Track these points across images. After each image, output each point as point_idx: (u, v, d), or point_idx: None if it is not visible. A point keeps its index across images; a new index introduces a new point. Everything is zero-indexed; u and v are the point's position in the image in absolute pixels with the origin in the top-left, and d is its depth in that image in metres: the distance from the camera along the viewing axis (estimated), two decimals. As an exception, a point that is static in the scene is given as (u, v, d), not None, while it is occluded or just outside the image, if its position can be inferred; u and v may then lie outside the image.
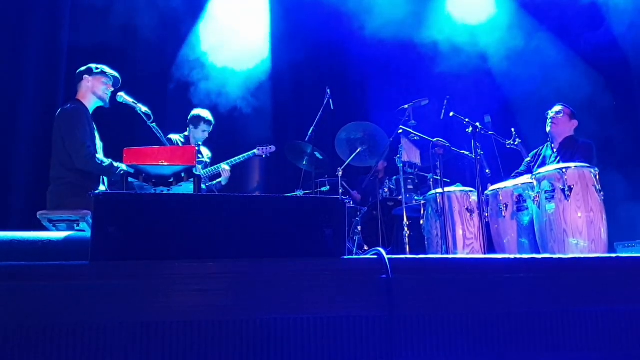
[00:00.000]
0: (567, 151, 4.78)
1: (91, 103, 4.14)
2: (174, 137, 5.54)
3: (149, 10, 6.61)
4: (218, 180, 5.64)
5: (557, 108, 4.97)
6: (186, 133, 5.69)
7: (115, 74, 4.23)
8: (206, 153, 5.77)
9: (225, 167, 5.58)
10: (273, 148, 5.96)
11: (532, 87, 6.73)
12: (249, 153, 5.85)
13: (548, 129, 4.95)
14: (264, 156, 5.95)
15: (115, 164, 3.90)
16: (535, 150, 5.10)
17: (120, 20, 6.38)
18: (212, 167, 5.64)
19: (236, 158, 5.74)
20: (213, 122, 5.72)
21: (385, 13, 6.88)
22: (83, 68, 4.18)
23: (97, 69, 4.16)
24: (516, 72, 6.85)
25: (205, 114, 5.71)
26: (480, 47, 7.08)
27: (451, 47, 7.00)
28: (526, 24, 7.09)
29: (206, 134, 5.68)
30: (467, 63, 7.05)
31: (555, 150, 4.91)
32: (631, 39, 6.61)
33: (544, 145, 5.06)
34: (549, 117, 4.95)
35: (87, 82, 4.13)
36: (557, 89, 6.50)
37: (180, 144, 5.53)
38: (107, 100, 4.19)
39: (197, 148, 5.47)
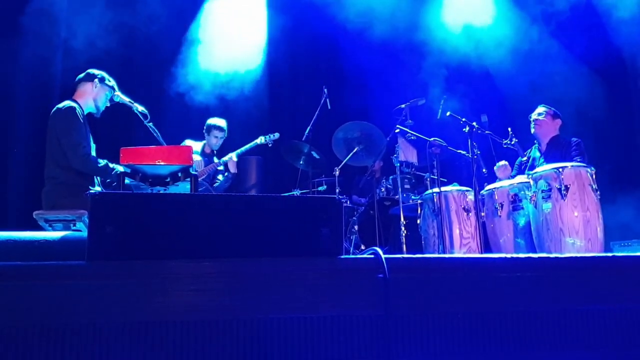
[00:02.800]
0: (556, 151, 4.83)
1: (87, 106, 4.13)
2: (191, 143, 5.68)
3: (145, 9, 6.60)
4: (224, 174, 5.74)
5: (539, 110, 5.02)
6: (204, 142, 5.97)
7: (115, 89, 4.26)
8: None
9: (229, 155, 5.76)
10: (277, 135, 6.09)
11: (529, 86, 6.74)
12: (252, 143, 6.00)
13: (532, 131, 5.01)
14: (269, 145, 6.08)
15: (111, 165, 3.89)
16: (527, 152, 5.13)
17: (117, 17, 6.36)
18: (219, 161, 5.74)
19: (242, 149, 5.92)
20: (224, 128, 5.93)
21: (382, 12, 6.88)
22: (97, 72, 4.17)
23: (109, 81, 4.19)
24: (513, 72, 6.86)
25: (216, 121, 5.95)
26: (477, 47, 7.09)
27: (448, 47, 7.01)
28: (524, 24, 7.10)
29: (219, 140, 5.93)
30: (464, 63, 7.06)
31: (542, 151, 4.95)
32: (628, 39, 6.63)
33: (532, 147, 5.10)
34: (531, 119, 5.00)
35: (95, 87, 4.12)
36: (554, 89, 6.51)
37: (199, 152, 5.75)
38: (100, 113, 4.23)
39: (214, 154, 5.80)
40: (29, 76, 6.01)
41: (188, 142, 5.71)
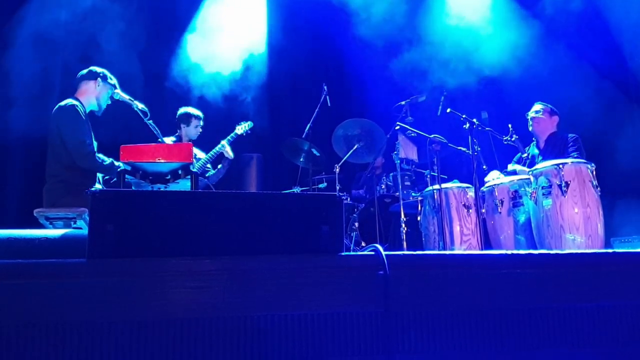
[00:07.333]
0: (554, 148, 4.84)
1: (89, 104, 4.16)
2: (167, 140, 5.52)
3: (143, 7, 6.59)
4: (218, 167, 5.64)
5: (536, 107, 5.03)
6: (177, 133, 5.66)
7: (116, 86, 4.27)
8: (200, 154, 5.75)
9: (221, 144, 5.57)
10: (251, 124, 5.91)
11: (529, 83, 6.73)
12: (233, 134, 5.73)
13: (530, 129, 5.03)
14: (244, 134, 5.81)
15: (116, 163, 3.89)
16: (526, 148, 5.13)
17: (115, 16, 6.35)
18: (214, 150, 5.57)
19: (228, 137, 5.69)
20: (202, 116, 5.70)
21: (382, 9, 6.87)
22: (99, 70, 4.21)
23: (111, 79, 4.23)
24: (513, 69, 6.84)
25: (192, 110, 5.70)
26: (477, 43, 7.08)
27: (449, 44, 7.00)
28: (524, 21, 7.08)
29: (199, 129, 5.66)
30: (464, 59, 7.04)
31: (541, 148, 4.95)
32: (629, 39, 6.62)
33: (530, 144, 5.11)
34: (529, 117, 5.01)
35: (97, 85, 4.16)
36: (554, 86, 6.50)
37: None
38: (102, 111, 4.25)
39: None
40: (29, 73, 6.00)
41: (165, 140, 5.57)
